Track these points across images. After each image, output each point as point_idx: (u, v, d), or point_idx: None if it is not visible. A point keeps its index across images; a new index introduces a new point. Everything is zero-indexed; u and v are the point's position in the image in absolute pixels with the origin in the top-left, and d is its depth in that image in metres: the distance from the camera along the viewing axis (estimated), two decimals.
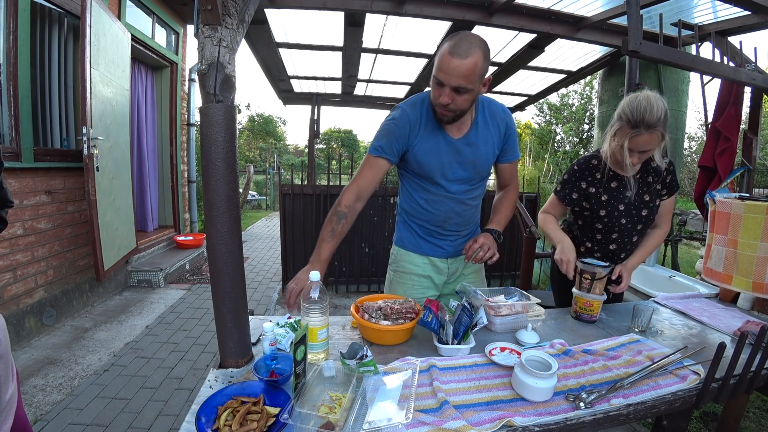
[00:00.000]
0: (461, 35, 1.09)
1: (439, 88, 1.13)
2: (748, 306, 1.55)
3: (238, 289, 0.98)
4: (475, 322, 1.10)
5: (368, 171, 1.27)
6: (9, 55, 2.51)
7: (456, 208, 1.35)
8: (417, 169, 1.30)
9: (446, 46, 1.09)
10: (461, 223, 1.40)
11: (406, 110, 1.25)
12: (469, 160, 1.29)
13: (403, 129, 1.24)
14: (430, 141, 1.25)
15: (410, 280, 1.44)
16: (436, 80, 1.12)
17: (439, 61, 1.10)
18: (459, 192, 1.33)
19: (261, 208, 11.81)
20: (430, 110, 1.25)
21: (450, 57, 1.07)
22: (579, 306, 1.36)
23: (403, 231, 1.45)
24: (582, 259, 1.38)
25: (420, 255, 1.43)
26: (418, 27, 3.16)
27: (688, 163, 12.30)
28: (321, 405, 0.83)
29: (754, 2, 1.85)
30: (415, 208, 1.38)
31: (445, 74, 1.09)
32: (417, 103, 1.27)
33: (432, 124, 1.25)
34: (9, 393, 0.67)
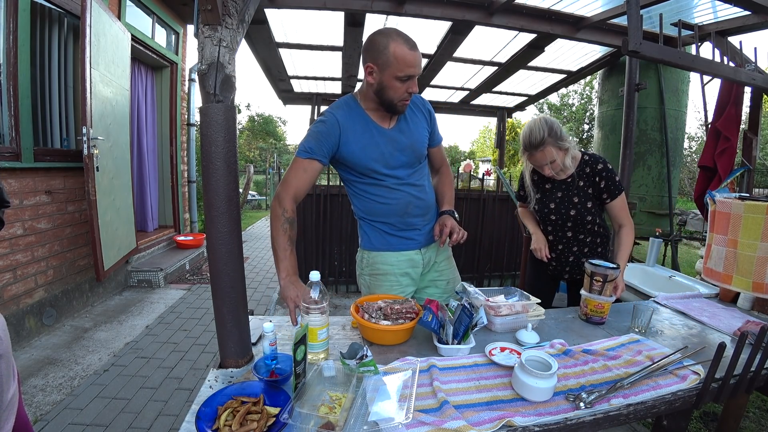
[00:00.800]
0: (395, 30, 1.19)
1: (407, 82, 1.20)
2: (748, 306, 1.55)
3: (238, 289, 0.98)
4: (475, 322, 1.10)
5: (302, 174, 1.27)
6: (9, 55, 2.51)
7: (411, 192, 1.37)
8: (360, 165, 1.31)
9: (401, 45, 1.16)
10: (422, 207, 1.40)
11: (334, 113, 1.30)
12: (407, 144, 1.34)
13: (333, 129, 1.27)
14: (364, 136, 1.30)
15: (388, 281, 1.42)
16: (404, 77, 1.19)
17: (403, 58, 1.16)
18: (406, 176, 1.36)
19: (261, 208, 11.81)
20: (358, 109, 1.31)
21: (412, 51, 1.17)
22: (590, 308, 1.34)
23: (369, 233, 1.44)
24: (590, 260, 1.38)
25: (393, 252, 1.41)
26: (418, 27, 3.16)
27: (688, 163, 12.30)
28: (321, 405, 0.83)
29: (754, 2, 1.85)
30: (373, 206, 1.38)
31: (414, 67, 1.19)
32: (342, 105, 1.32)
33: (361, 121, 1.30)
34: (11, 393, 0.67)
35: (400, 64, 1.16)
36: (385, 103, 1.26)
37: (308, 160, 1.26)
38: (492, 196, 4.00)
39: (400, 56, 1.15)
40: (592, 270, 1.34)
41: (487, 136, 20.86)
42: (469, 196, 3.97)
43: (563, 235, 1.71)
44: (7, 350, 0.64)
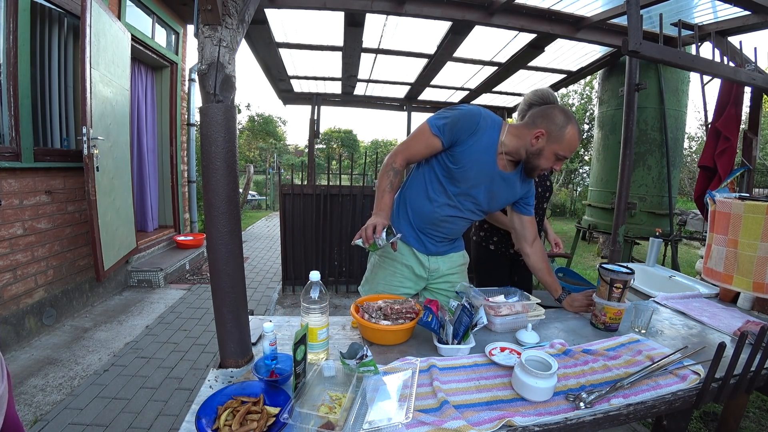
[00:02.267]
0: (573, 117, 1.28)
1: (558, 161, 1.30)
2: (748, 306, 1.55)
3: (238, 289, 0.98)
4: (475, 322, 1.10)
5: (422, 146, 1.34)
6: (9, 55, 2.51)
7: (453, 217, 1.42)
8: (453, 166, 1.34)
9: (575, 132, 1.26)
10: (451, 231, 1.47)
11: (483, 114, 1.32)
12: (494, 190, 1.38)
13: (470, 123, 1.29)
14: (482, 155, 1.32)
15: (392, 266, 1.50)
16: (559, 156, 1.28)
17: (570, 143, 1.26)
18: (464, 209, 1.41)
19: (261, 208, 11.81)
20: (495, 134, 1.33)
21: (577, 139, 1.27)
22: (609, 316, 1.29)
23: (398, 217, 1.50)
24: (602, 264, 1.34)
25: (405, 244, 1.48)
26: (418, 27, 3.16)
27: (688, 163, 12.30)
28: (321, 405, 0.83)
29: (754, 2, 1.85)
30: (419, 199, 1.43)
31: (570, 152, 1.28)
32: (491, 118, 1.34)
33: (491, 144, 1.33)
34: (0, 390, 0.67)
35: (567, 146, 1.26)
36: (529, 164, 1.32)
37: (434, 136, 1.31)
38: None
39: (572, 140, 1.26)
40: (612, 277, 1.27)
41: None
42: None
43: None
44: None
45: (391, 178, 1.33)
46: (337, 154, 20.53)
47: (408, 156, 1.36)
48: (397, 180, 1.34)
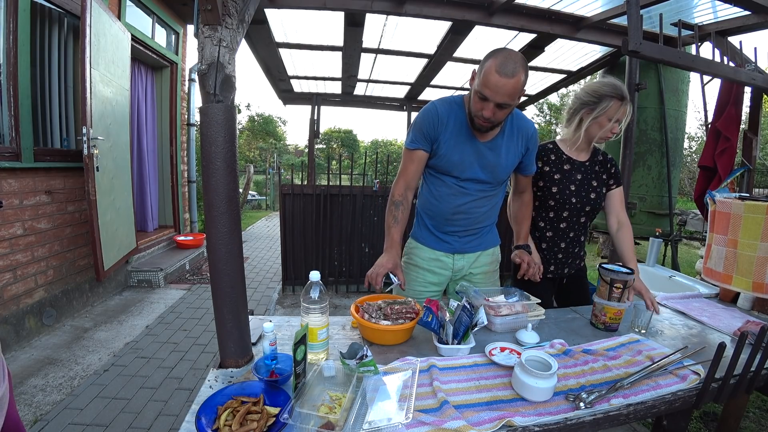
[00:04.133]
0: (506, 53, 1.14)
1: (482, 102, 1.18)
2: (748, 306, 1.55)
3: (238, 289, 0.98)
4: (475, 322, 1.10)
5: (410, 164, 1.38)
6: (9, 55, 2.51)
7: (466, 204, 1.40)
8: (439, 162, 1.36)
9: (493, 64, 1.12)
10: (469, 221, 1.43)
11: (437, 105, 1.34)
12: (490, 163, 1.35)
13: (432, 120, 1.32)
14: (457, 138, 1.32)
15: (414, 271, 1.51)
16: (480, 95, 1.17)
17: (485, 77, 1.14)
18: (472, 190, 1.38)
19: (261, 208, 11.81)
20: (460, 112, 1.33)
21: (498, 75, 1.11)
22: (609, 317, 1.29)
23: (417, 224, 1.54)
24: (604, 266, 1.33)
25: (427, 248, 1.48)
26: (418, 27, 3.17)
27: (688, 163, 12.29)
28: (321, 405, 0.83)
29: (754, 2, 1.85)
30: (428, 200, 1.46)
31: (491, 91, 1.14)
32: (448, 101, 1.35)
33: (461, 123, 1.33)
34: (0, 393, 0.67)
35: (482, 80, 1.15)
36: (469, 113, 1.27)
37: (415, 150, 1.35)
38: None
39: (485, 73, 1.14)
40: (612, 277, 1.28)
41: None
42: None
43: (577, 221, 1.61)
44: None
45: (393, 212, 1.37)
46: (337, 154, 20.53)
47: (405, 181, 1.39)
48: (400, 212, 1.37)
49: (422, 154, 1.35)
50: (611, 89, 1.45)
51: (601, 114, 1.47)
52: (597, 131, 1.50)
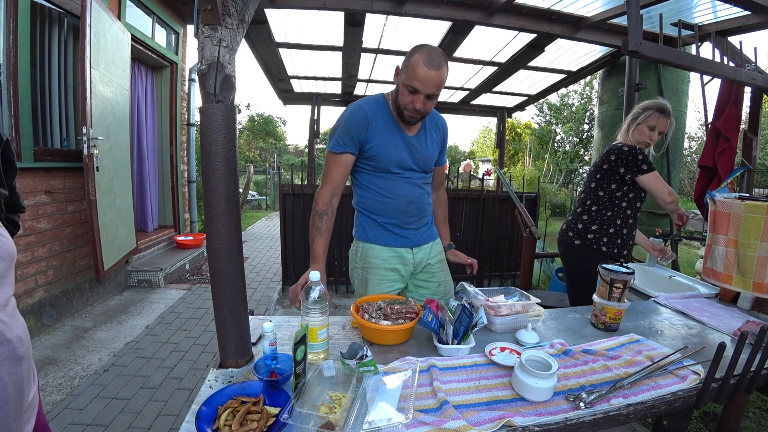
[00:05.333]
0: (429, 48, 1.21)
1: (412, 95, 1.24)
2: (748, 306, 1.55)
3: (238, 289, 0.98)
4: (475, 322, 1.10)
5: (336, 169, 1.36)
6: (9, 55, 2.51)
7: (414, 192, 1.43)
8: (376, 161, 1.37)
9: (419, 58, 1.19)
10: (419, 209, 1.46)
11: (362, 106, 1.34)
12: (420, 154, 1.41)
13: (360, 122, 1.32)
14: (388, 136, 1.35)
15: (377, 275, 1.46)
16: (410, 88, 1.22)
17: (414, 71, 1.20)
18: (415, 177, 1.43)
19: (261, 208, 11.81)
20: (385, 109, 1.36)
21: (426, 68, 1.18)
22: (609, 317, 1.28)
23: (365, 225, 1.49)
24: (603, 265, 1.33)
25: (385, 247, 1.46)
26: (418, 27, 3.16)
27: (688, 163, 12.30)
28: (321, 405, 0.83)
29: (754, 2, 1.86)
30: (376, 200, 1.43)
31: (421, 83, 1.20)
32: (372, 102, 1.37)
33: (388, 121, 1.35)
34: (32, 394, 0.68)
35: (411, 73, 1.20)
36: (396, 106, 1.31)
37: (341, 154, 1.34)
38: (492, 196, 4.00)
39: (413, 67, 1.19)
40: (612, 277, 1.28)
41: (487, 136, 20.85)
42: (469, 196, 3.97)
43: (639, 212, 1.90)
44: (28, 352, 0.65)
45: (317, 223, 1.34)
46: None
47: (331, 187, 1.36)
48: (324, 222, 1.34)
49: (349, 157, 1.34)
50: (654, 104, 1.76)
51: (642, 122, 1.77)
52: (638, 137, 1.78)
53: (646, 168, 1.73)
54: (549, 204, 10.31)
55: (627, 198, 1.83)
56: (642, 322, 1.39)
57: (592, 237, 1.86)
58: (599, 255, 1.84)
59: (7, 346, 0.59)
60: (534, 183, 7.06)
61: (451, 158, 20.67)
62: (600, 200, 1.86)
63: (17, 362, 0.61)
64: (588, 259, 1.84)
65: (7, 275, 0.63)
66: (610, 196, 1.83)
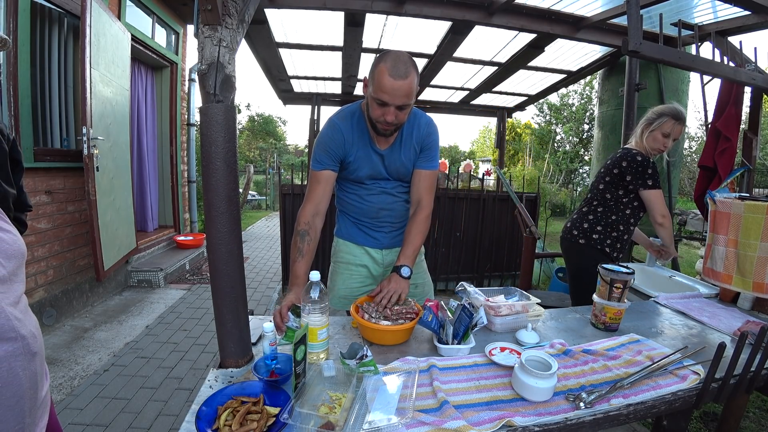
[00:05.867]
0: (393, 55, 1.14)
1: (382, 108, 1.17)
2: (748, 306, 1.55)
3: (238, 289, 0.98)
4: (475, 322, 1.10)
5: (317, 186, 1.34)
6: (9, 55, 2.51)
7: (387, 200, 1.43)
8: (350, 174, 1.39)
9: (384, 68, 1.12)
10: (393, 216, 1.46)
11: (338, 123, 1.32)
12: (393, 167, 1.38)
13: (338, 140, 1.31)
14: (362, 151, 1.34)
15: (347, 270, 1.50)
16: (378, 101, 1.16)
17: (380, 83, 1.13)
18: (388, 186, 1.42)
19: (261, 208, 11.81)
20: (360, 122, 1.32)
21: (392, 79, 1.11)
22: (609, 317, 1.29)
23: (341, 222, 1.52)
24: (603, 265, 1.33)
25: (356, 245, 1.49)
26: (418, 27, 3.17)
27: (688, 163, 12.30)
28: (321, 405, 0.83)
29: (754, 2, 1.86)
30: (351, 202, 1.45)
31: (389, 95, 1.14)
32: (347, 116, 1.33)
33: (362, 135, 1.33)
34: (44, 390, 0.70)
35: (377, 86, 1.14)
36: (369, 119, 1.26)
37: (321, 171, 1.33)
38: (492, 196, 4.00)
39: (378, 79, 1.13)
40: (612, 277, 1.28)
41: (487, 136, 20.86)
42: (469, 196, 3.97)
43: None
44: (41, 348, 0.67)
45: (298, 244, 1.28)
46: None
47: (314, 205, 1.32)
48: (306, 243, 1.28)
49: (330, 174, 1.34)
50: (669, 109, 1.75)
51: (656, 128, 1.75)
52: (651, 143, 1.78)
53: (651, 183, 1.72)
54: (549, 204, 10.31)
55: (632, 206, 1.83)
56: (642, 322, 1.39)
57: (597, 237, 1.86)
58: (602, 255, 1.84)
59: (21, 342, 0.61)
60: (534, 183, 7.06)
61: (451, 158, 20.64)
62: (606, 203, 1.86)
63: (31, 358, 0.63)
64: (592, 258, 1.84)
65: (19, 273, 0.65)
66: (616, 201, 1.84)
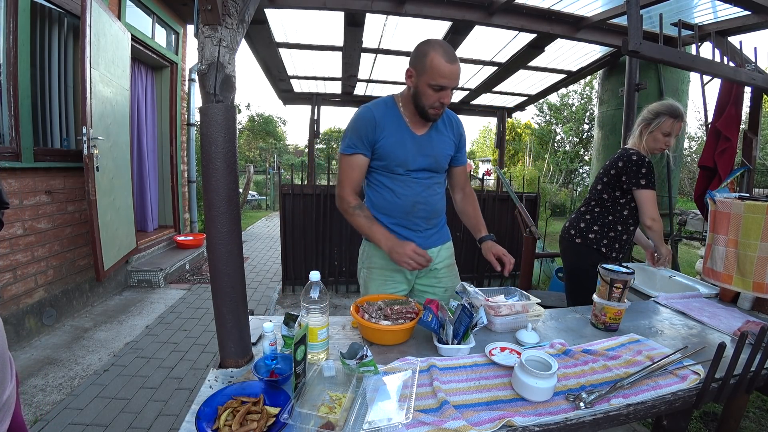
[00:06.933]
0: (439, 42, 1.26)
1: (439, 92, 1.26)
2: (748, 306, 1.54)
3: (238, 289, 0.98)
4: (475, 322, 1.10)
5: (351, 171, 1.37)
6: (9, 55, 2.51)
7: (422, 193, 1.42)
8: (383, 160, 1.38)
9: (437, 55, 1.22)
10: (428, 210, 1.45)
11: (371, 108, 1.37)
12: (430, 153, 1.41)
13: (369, 121, 1.34)
14: (396, 136, 1.36)
15: (381, 275, 1.47)
16: (436, 86, 1.25)
17: (438, 69, 1.22)
18: (423, 177, 1.42)
19: (261, 208, 11.81)
20: (394, 110, 1.38)
21: (449, 64, 1.23)
22: (609, 317, 1.29)
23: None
24: (603, 265, 1.33)
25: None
26: (418, 27, 3.16)
27: (688, 163, 12.30)
28: (321, 405, 0.83)
29: (754, 2, 1.85)
30: (383, 198, 1.43)
31: (447, 79, 1.24)
32: (380, 104, 1.39)
33: (396, 121, 1.37)
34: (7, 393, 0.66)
35: (435, 73, 1.22)
36: (418, 108, 1.32)
37: (353, 155, 1.36)
38: (492, 196, 4.00)
39: (436, 66, 1.22)
40: (612, 277, 1.28)
41: (487, 136, 20.87)
42: None
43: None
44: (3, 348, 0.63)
45: (363, 213, 1.36)
46: (337, 154, 20.52)
47: (351, 187, 1.37)
48: (364, 210, 1.37)
49: (363, 159, 1.36)
50: (666, 108, 1.73)
51: (655, 129, 1.74)
52: (652, 143, 1.76)
53: (645, 183, 1.70)
54: (549, 204, 10.31)
55: (629, 207, 1.82)
56: (642, 322, 1.39)
57: (593, 237, 1.86)
58: (599, 255, 1.84)
59: None
60: (534, 183, 7.06)
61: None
62: (603, 203, 1.85)
63: None
64: (587, 258, 1.84)
65: None
66: (613, 202, 1.83)
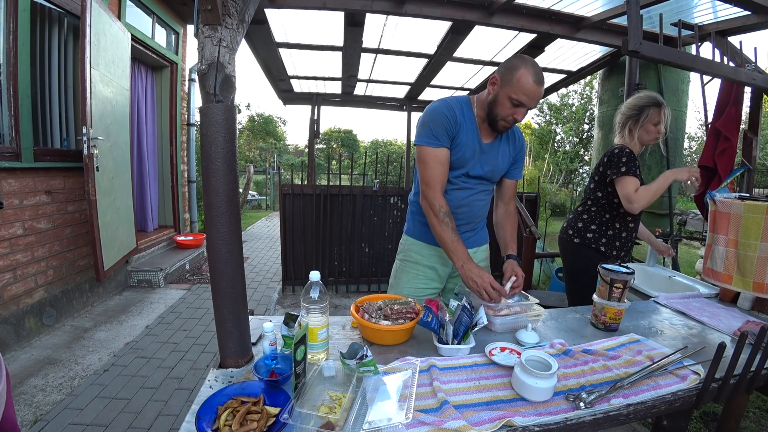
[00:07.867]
0: (532, 61, 1.25)
1: (515, 108, 1.27)
2: (748, 306, 1.54)
3: (238, 289, 0.98)
4: (475, 322, 1.10)
5: (439, 166, 1.33)
6: (9, 55, 2.51)
7: (467, 199, 1.44)
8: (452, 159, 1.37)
9: (527, 72, 1.22)
10: (470, 215, 1.47)
11: (452, 104, 1.36)
12: (490, 162, 1.42)
13: (452, 119, 1.33)
14: (468, 137, 1.36)
15: (414, 269, 1.51)
16: (515, 101, 1.25)
17: (523, 85, 1.22)
18: (473, 184, 1.43)
19: (261, 208, 11.81)
20: (470, 111, 1.38)
21: (536, 85, 1.23)
22: (609, 317, 1.28)
23: (413, 220, 1.54)
24: (603, 265, 1.33)
25: (427, 245, 1.49)
26: (418, 27, 3.17)
27: (688, 163, 12.31)
28: (321, 405, 0.83)
29: (754, 2, 1.85)
30: None
31: (528, 98, 1.24)
32: (459, 102, 1.38)
33: (471, 123, 1.37)
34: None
35: (519, 88, 1.22)
36: (490, 116, 1.33)
37: (440, 149, 1.32)
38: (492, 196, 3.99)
39: (523, 82, 1.22)
40: (612, 277, 1.27)
41: None
42: None
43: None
44: None
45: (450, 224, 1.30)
46: (337, 154, 20.52)
47: (442, 185, 1.34)
48: (454, 221, 1.31)
49: (447, 152, 1.33)
50: (648, 99, 1.75)
51: (645, 121, 1.75)
52: (645, 136, 1.77)
53: (625, 170, 1.67)
54: (549, 204, 10.31)
55: None
56: (642, 322, 1.39)
57: (591, 236, 1.86)
58: (598, 255, 1.84)
59: None
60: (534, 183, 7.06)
61: None
62: (599, 201, 1.85)
63: None
64: (586, 258, 1.84)
65: None
66: (608, 199, 1.82)
